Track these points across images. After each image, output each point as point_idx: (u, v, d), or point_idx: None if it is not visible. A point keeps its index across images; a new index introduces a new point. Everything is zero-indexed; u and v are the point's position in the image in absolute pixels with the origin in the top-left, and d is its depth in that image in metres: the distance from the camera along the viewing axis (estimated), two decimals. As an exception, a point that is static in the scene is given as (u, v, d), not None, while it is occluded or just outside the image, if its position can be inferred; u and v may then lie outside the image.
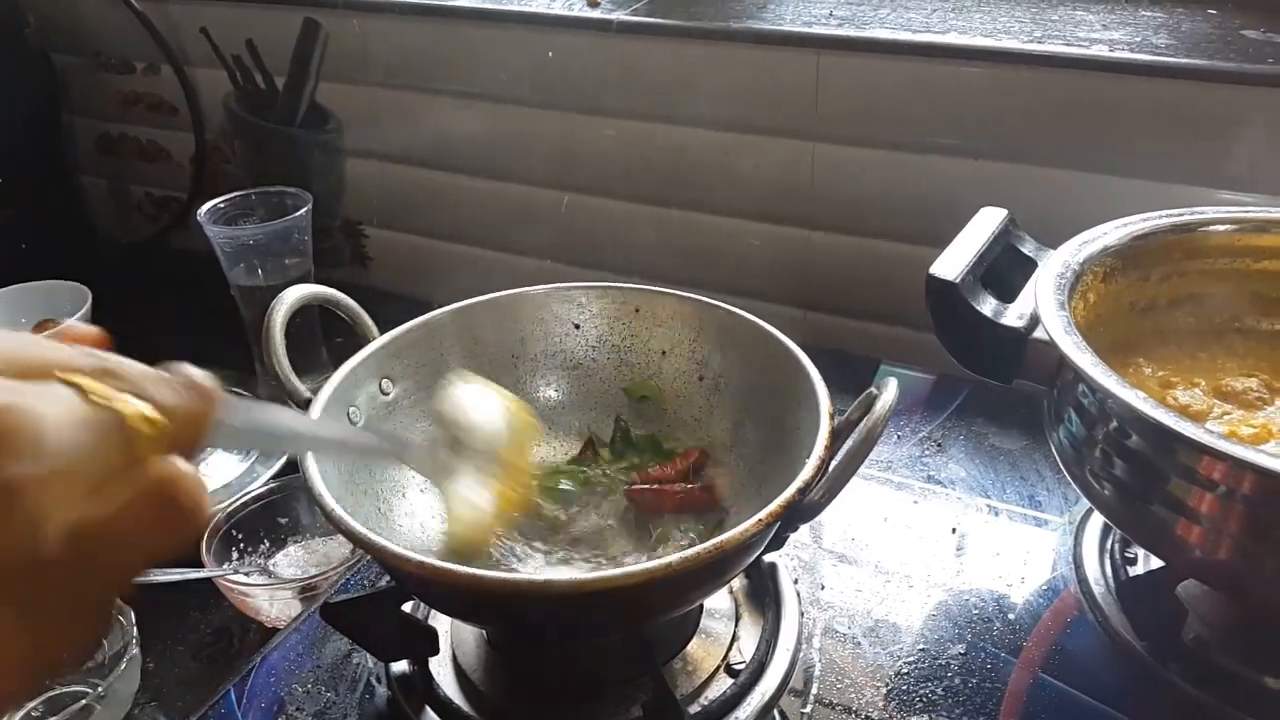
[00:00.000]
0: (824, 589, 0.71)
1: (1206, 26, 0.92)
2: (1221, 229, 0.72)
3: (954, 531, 0.76)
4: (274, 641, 0.69)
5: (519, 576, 0.50)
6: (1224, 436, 0.57)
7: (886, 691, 0.63)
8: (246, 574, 0.83)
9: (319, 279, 1.02)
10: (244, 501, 0.87)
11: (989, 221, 0.73)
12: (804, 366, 0.63)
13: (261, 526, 0.88)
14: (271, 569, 0.86)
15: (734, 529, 0.49)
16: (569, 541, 0.66)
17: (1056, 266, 0.67)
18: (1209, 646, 0.64)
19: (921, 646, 0.67)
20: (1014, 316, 0.67)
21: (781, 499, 0.51)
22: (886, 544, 0.75)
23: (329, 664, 0.67)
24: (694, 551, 0.48)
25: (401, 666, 0.64)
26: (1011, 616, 0.68)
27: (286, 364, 0.65)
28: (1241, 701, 0.62)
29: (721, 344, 0.71)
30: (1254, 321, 0.74)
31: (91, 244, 1.49)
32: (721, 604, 0.67)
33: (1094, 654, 0.66)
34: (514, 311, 0.73)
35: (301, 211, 1.05)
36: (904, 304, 1.00)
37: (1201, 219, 0.72)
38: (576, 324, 0.74)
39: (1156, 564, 0.70)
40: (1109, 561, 0.72)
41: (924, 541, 0.75)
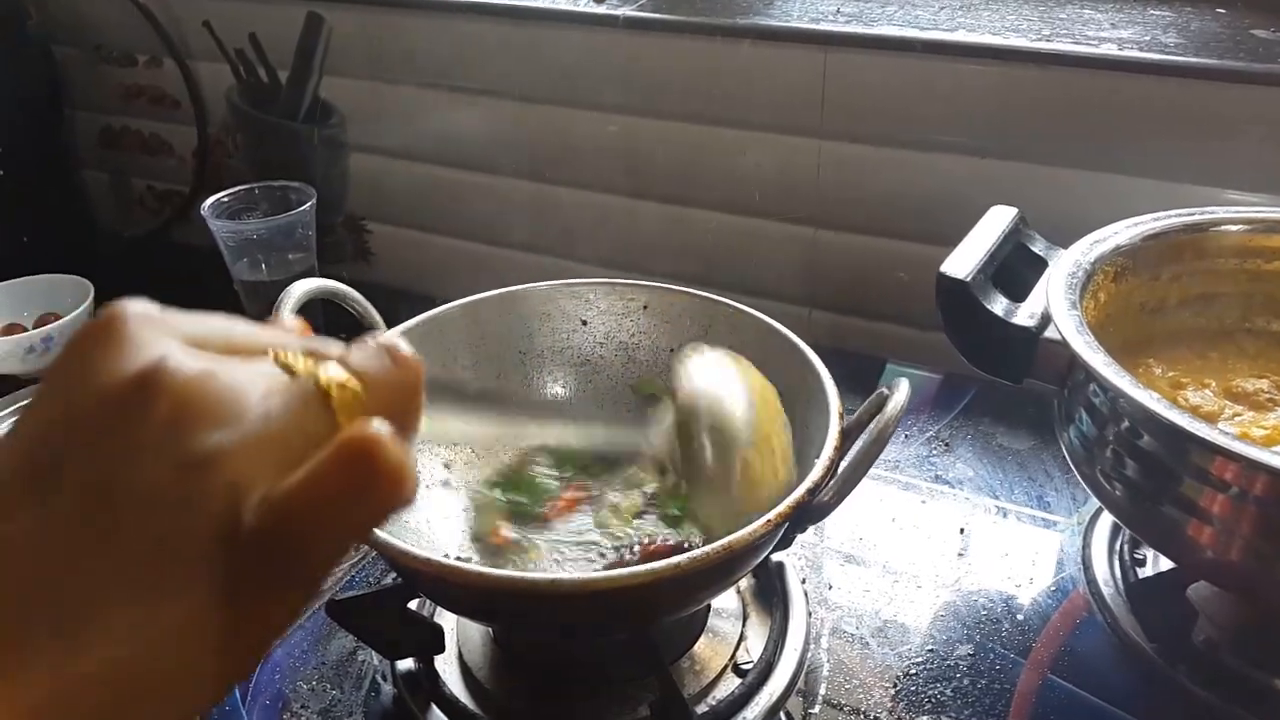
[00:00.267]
0: (832, 589, 0.71)
1: (1216, 26, 0.92)
2: (1233, 229, 0.72)
3: (962, 532, 0.76)
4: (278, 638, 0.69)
5: (528, 575, 0.49)
6: (1236, 438, 0.56)
7: (895, 692, 0.63)
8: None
9: (321, 275, 1.01)
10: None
11: (999, 220, 0.73)
12: (813, 365, 0.62)
13: (264, 523, 0.87)
14: (274, 565, 0.85)
15: (743, 529, 0.49)
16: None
17: (1068, 265, 0.67)
18: (1219, 648, 0.64)
19: (930, 647, 0.66)
20: (1025, 315, 0.67)
21: (791, 499, 0.51)
22: (894, 544, 0.75)
23: (334, 661, 0.67)
24: (702, 552, 0.48)
25: (407, 664, 0.64)
26: (1020, 617, 0.68)
27: (293, 359, 0.64)
28: (1251, 704, 0.61)
29: (730, 341, 0.70)
30: (1265, 323, 0.73)
31: (93, 238, 1.48)
32: (729, 603, 0.67)
33: (1103, 655, 0.65)
34: (522, 307, 0.72)
35: (306, 206, 1.04)
36: (910, 303, 1.00)
37: (1213, 219, 0.72)
38: (584, 320, 0.73)
39: (1166, 565, 0.69)
40: (1118, 563, 0.71)
41: (932, 541, 0.75)
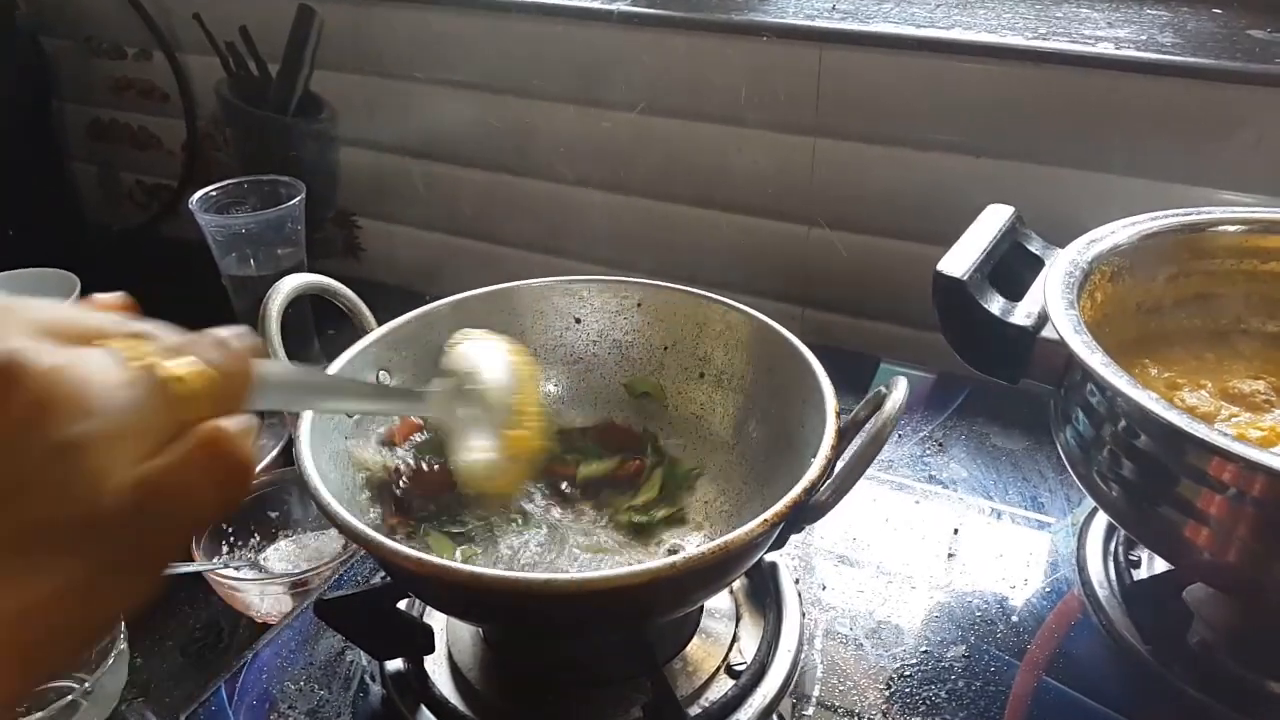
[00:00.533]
0: (825, 589, 0.71)
1: (1212, 26, 0.92)
2: (1230, 230, 0.71)
3: (956, 532, 0.75)
4: (266, 638, 0.68)
5: (521, 575, 0.48)
6: (1234, 439, 0.56)
7: (889, 694, 0.63)
8: (236, 568, 0.82)
9: (310, 270, 1.00)
10: (235, 495, 0.86)
11: (996, 218, 0.72)
12: (810, 364, 0.62)
13: (252, 520, 0.86)
14: (262, 563, 0.84)
15: (739, 529, 0.48)
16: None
17: (1064, 265, 0.66)
18: (1215, 650, 0.64)
19: (924, 649, 0.66)
20: (1022, 315, 0.66)
21: (788, 499, 0.50)
22: (888, 544, 0.74)
23: (322, 661, 0.66)
24: (698, 551, 0.47)
25: (396, 665, 0.63)
26: (1015, 619, 0.68)
27: (283, 354, 0.63)
28: (1247, 706, 0.61)
29: (725, 340, 0.70)
30: (1260, 324, 0.73)
31: (81, 231, 1.47)
32: (722, 604, 0.66)
33: (1098, 657, 0.65)
34: (514, 304, 0.72)
35: (295, 200, 1.03)
36: (904, 302, 0.99)
37: (1210, 219, 0.71)
38: (578, 318, 0.73)
39: (1160, 567, 0.69)
40: (1113, 564, 0.71)
41: (926, 542, 0.74)
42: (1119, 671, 0.64)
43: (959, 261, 0.67)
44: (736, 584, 0.67)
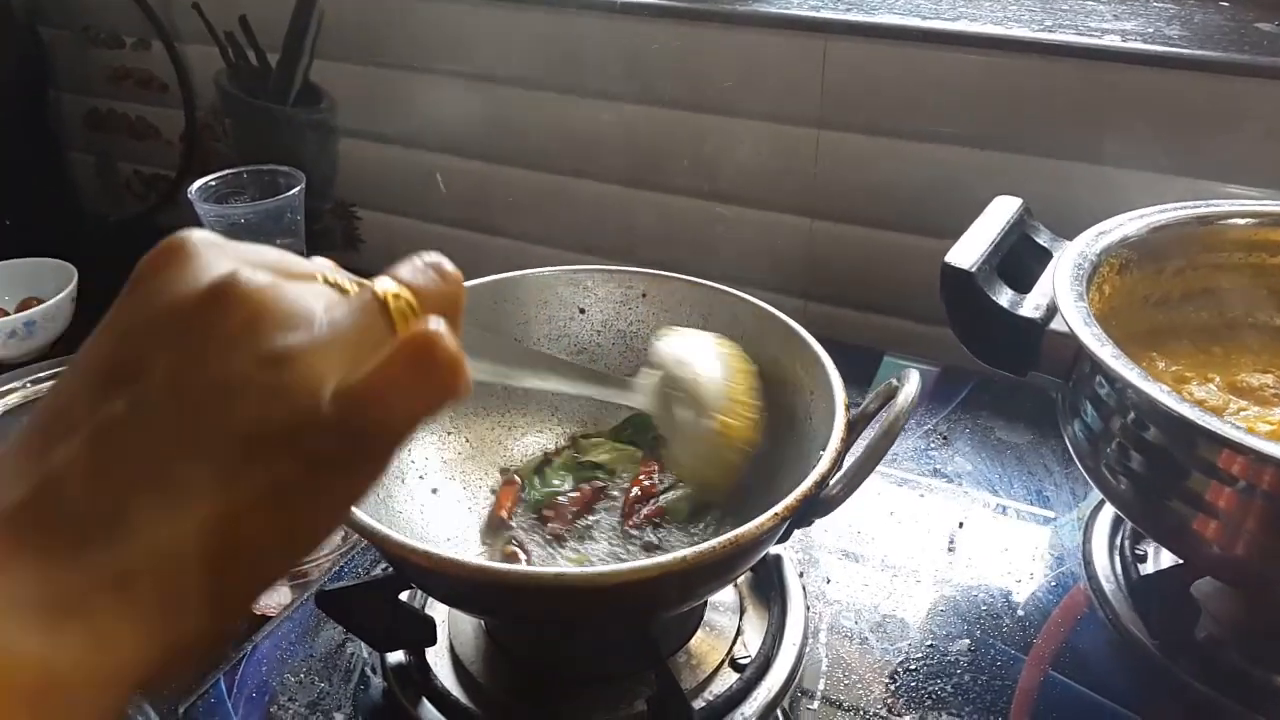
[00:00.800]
0: (829, 583, 0.70)
1: (1219, 19, 0.91)
2: (1240, 223, 0.71)
3: (961, 526, 0.75)
4: (265, 629, 0.67)
5: (532, 569, 0.48)
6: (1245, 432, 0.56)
7: (895, 688, 0.62)
8: (236, 560, 0.81)
9: (310, 261, 1.00)
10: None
11: (1004, 210, 0.72)
12: (818, 355, 0.61)
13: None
14: (261, 555, 0.84)
15: (749, 523, 0.48)
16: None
17: (1073, 257, 0.66)
18: (1222, 645, 0.63)
19: (930, 643, 0.65)
20: (1030, 307, 0.66)
21: (798, 492, 0.50)
22: (893, 538, 0.74)
23: (322, 653, 0.66)
24: (709, 546, 0.47)
25: (398, 657, 0.62)
26: (1020, 613, 0.67)
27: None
28: (1254, 701, 0.60)
29: (730, 330, 0.69)
30: (1268, 317, 0.73)
31: (78, 222, 1.46)
32: (726, 597, 0.66)
33: (1105, 652, 0.65)
34: (518, 294, 0.71)
35: (295, 191, 1.03)
36: (908, 296, 0.99)
37: (1220, 211, 0.71)
38: (582, 308, 0.72)
39: (1167, 561, 0.69)
40: (1119, 558, 0.70)
41: (931, 536, 0.74)
42: (1125, 666, 0.64)
43: (968, 253, 0.67)
44: (741, 577, 0.67)
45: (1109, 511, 0.74)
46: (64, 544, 0.26)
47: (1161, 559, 0.69)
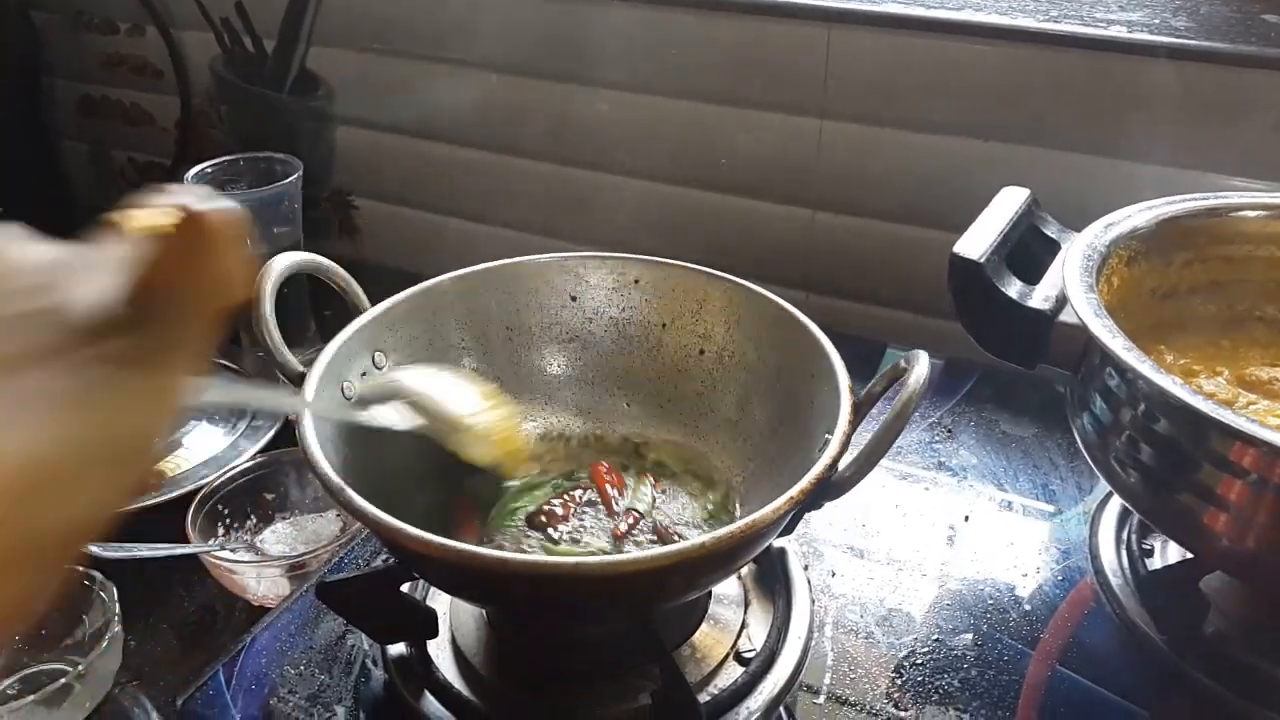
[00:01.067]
0: (835, 576, 0.69)
1: (1226, 10, 0.90)
2: (1250, 215, 0.70)
3: (966, 520, 0.74)
4: (265, 621, 0.66)
5: (547, 559, 0.48)
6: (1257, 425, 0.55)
7: (901, 683, 0.61)
8: (233, 550, 0.81)
9: (305, 250, 0.98)
10: (230, 476, 0.84)
11: (1012, 201, 0.71)
12: (818, 339, 0.61)
13: (248, 502, 0.85)
14: (258, 545, 0.83)
15: (765, 508, 0.47)
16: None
17: (1083, 248, 0.65)
18: (1230, 640, 0.63)
19: (936, 637, 0.65)
20: (1040, 298, 0.65)
21: (812, 475, 0.49)
22: (898, 531, 0.73)
23: (322, 645, 0.65)
24: (726, 531, 0.46)
25: (399, 649, 0.61)
26: (1027, 608, 0.67)
27: (277, 335, 0.61)
28: (1263, 696, 0.60)
29: (726, 317, 0.68)
30: (1277, 311, 0.72)
31: (71, 210, 1.44)
32: (730, 590, 0.65)
33: (1112, 646, 0.64)
34: (509, 282, 0.70)
35: (292, 178, 1.01)
36: (911, 287, 0.98)
37: (1230, 204, 0.70)
38: (573, 295, 0.71)
39: (1174, 556, 0.68)
40: (1125, 553, 0.70)
41: (936, 529, 0.73)
42: (1133, 661, 0.64)
43: (976, 243, 0.66)
44: (745, 570, 0.66)
45: (1115, 505, 0.73)
46: None
47: (1169, 553, 0.69)
